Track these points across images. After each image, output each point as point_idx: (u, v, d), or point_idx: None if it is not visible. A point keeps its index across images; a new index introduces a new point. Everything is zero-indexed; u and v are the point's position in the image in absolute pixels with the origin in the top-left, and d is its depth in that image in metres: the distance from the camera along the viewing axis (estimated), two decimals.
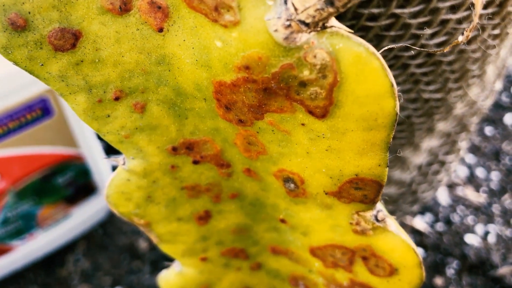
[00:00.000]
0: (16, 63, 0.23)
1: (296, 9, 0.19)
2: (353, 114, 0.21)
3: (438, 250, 0.74)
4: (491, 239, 0.74)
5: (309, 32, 0.19)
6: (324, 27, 0.19)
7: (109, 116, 0.25)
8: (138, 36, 0.22)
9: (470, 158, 0.83)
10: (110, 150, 0.85)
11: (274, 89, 0.21)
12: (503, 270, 0.71)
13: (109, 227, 0.78)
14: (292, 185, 0.27)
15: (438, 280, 0.72)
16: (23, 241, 0.68)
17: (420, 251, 0.73)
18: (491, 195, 0.79)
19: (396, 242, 0.27)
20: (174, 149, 0.27)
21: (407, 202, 0.54)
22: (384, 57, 0.33)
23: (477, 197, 0.78)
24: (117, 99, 0.24)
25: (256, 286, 0.37)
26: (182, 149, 0.27)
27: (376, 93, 0.20)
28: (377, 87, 0.20)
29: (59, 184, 0.65)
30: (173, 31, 0.22)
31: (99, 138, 0.77)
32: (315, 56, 0.19)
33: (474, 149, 0.85)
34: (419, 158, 0.48)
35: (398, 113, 0.21)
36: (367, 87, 0.20)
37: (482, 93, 0.44)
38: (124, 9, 0.22)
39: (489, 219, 0.77)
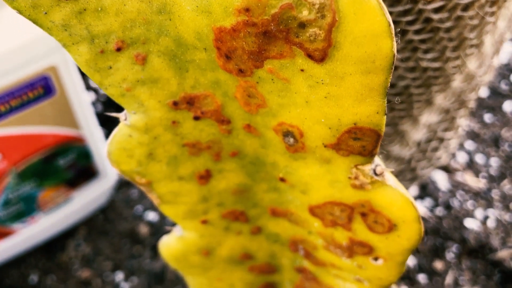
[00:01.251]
0: (19, 12, 0.23)
1: None
2: (352, 56, 0.21)
3: (438, 234, 0.74)
4: (491, 223, 0.75)
5: None
6: None
7: (111, 67, 0.25)
8: None
9: (470, 145, 0.84)
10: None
11: (273, 33, 0.22)
12: (502, 254, 0.72)
13: (110, 212, 0.79)
14: (291, 139, 0.27)
15: (438, 264, 0.72)
16: (24, 224, 0.68)
17: None
18: (491, 180, 0.79)
19: (394, 196, 0.27)
20: (175, 103, 0.27)
21: (406, 180, 0.54)
22: None
23: (477, 183, 0.78)
24: (118, 49, 0.25)
25: (256, 252, 0.37)
26: (183, 104, 0.27)
27: (374, 33, 0.20)
28: (375, 26, 0.20)
29: (60, 166, 0.65)
30: None
31: (100, 122, 0.78)
32: None
33: (473, 135, 0.85)
34: (418, 134, 0.49)
35: (396, 54, 0.21)
36: (364, 27, 0.20)
37: (480, 66, 0.44)
38: None
39: (489, 204, 0.77)
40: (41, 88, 0.55)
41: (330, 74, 0.22)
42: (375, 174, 0.27)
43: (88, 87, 0.96)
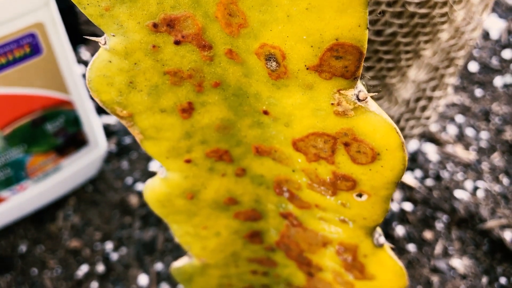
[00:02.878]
0: None
1: None
2: None
3: (428, 204, 0.74)
4: (480, 194, 0.75)
5: None
6: None
7: None
8: None
9: (460, 118, 0.84)
10: (100, 110, 0.85)
11: None
12: (491, 224, 0.72)
13: (100, 183, 0.79)
14: (273, 64, 0.27)
15: (428, 234, 0.72)
16: (13, 192, 0.68)
17: (409, 205, 0.74)
18: (481, 153, 0.80)
19: (378, 123, 0.27)
20: (155, 25, 0.26)
21: None
22: None
23: (467, 155, 0.78)
24: None
25: (241, 196, 0.37)
26: (163, 26, 0.27)
27: None
28: None
29: (48, 131, 0.64)
30: None
31: (91, 96, 0.77)
32: None
33: (463, 109, 0.85)
34: (407, 92, 0.48)
35: None
36: None
37: (468, 21, 0.44)
38: None
39: (478, 175, 0.77)
40: (28, 46, 0.55)
41: None
42: (358, 99, 0.27)
43: (80, 61, 0.95)
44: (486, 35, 0.95)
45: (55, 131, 0.65)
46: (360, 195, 0.31)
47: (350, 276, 0.39)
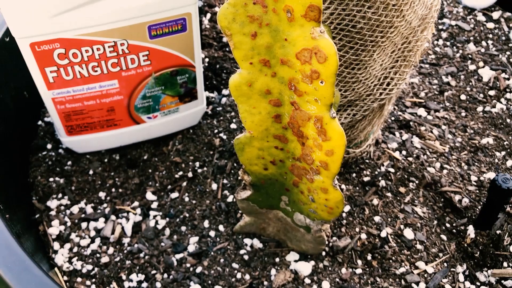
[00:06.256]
0: None
1: None
2: None
3: (406, 171, 1.09)
4: (444, 172, 1.09)
5: None
6: None
7: None
8: None
9: (444, 127, 1.19)
10: (206, 87, 1.31)
11: None
12: (446, 188, 1.05)
13: (197, 129, 1.21)
14: (289, 14, 0.68)
15: (402, 189, 1.07)
16: (149, 117, 1.12)
17: (393, 170, 1.09)
18: (453, 149, 1.14)
19: (327, 41, 0.67)
20: None
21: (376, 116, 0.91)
22: None
23: (442, 148, 1.13)
24: None
25: (273, 89, 0.77)
26: None
27: None
28: None
29: (178, 81, 1.09)
30: None
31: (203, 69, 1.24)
32: None
33: (449, 121, 1.20)
34: (376, 70, 0.87)
35: None
36: None
37: (416, 20, 0.83)
38: None
39: (447, 162, 1.11)
40: (180, 25, 1.00)
41: None
42: (320, 32, 0.67)
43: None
44: (480, 79, 1.31)
45: (181, 83, 1.09)
46: (322, 82, 0.71)
47: (320, 139, 0.77)
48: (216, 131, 1.21)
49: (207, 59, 1.35)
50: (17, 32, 0.88)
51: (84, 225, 1.03)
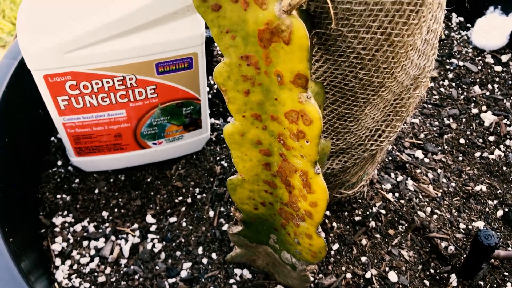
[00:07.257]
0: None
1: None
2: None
3: (397, 214, 1.13)
4: (434, 217, 1.12)
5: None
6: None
7: None
8: None
9: (440, 170, 1.21)
10: (211, 114, 1.36)
11: None
12: (434, 235, 1.08)
13: (200, 156, 1.27)
14: (279, 78, 0.72)
15: (391, 231, 1.10)
16: (154, 143, 1.18)
17: (384, 211, 1.13)
18: (445, 194, 1.17)
19: (312, 107, 0.71)
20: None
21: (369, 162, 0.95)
22: None
23: (434, 192, 1.16)
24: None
25: (263, 140, 0.82)
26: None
27: None
28: None
29: (183, 113, 1.14)
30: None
31: (209, 100, 1.29)
32: None
33: (445, 165, 1.23)
34: (368, 122, 0.91)
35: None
36: None
37: (407, 82, 0.86)
38: None
39: (438, 207, 1.14)
40: (186, 63, 1.05)
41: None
42: (307, 98, 0.71)
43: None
44: (482, 123, 1.33)
45: (186, 114, 1.15)
46: (307, 141, 0.75)
47: (305, 190, 0.81)
48: (218, 158, 1.25)
49: (215, 86, 1.40)
50: (32, 65, 0.94)
51: (85, 243, 1.09)
